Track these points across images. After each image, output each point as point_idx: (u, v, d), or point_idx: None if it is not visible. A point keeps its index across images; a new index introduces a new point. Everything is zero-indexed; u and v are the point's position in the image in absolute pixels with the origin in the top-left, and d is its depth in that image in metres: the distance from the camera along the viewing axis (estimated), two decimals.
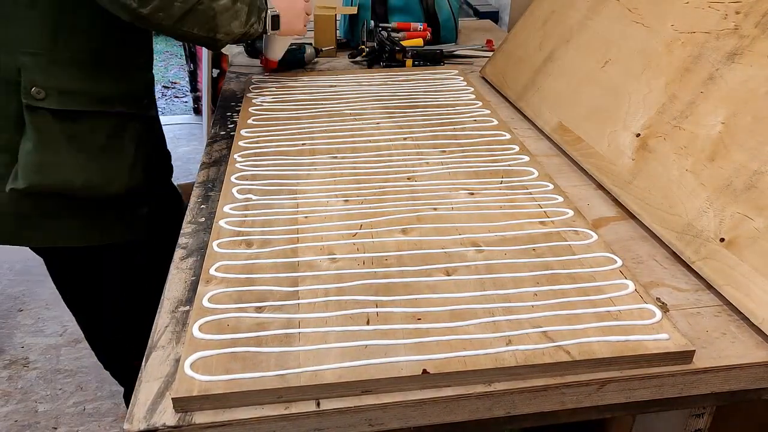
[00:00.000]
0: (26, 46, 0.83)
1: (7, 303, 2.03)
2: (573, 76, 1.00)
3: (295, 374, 0.52)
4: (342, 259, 0.68)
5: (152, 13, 0.83)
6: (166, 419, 0.51)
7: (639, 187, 0.78)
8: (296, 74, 1.29)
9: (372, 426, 0.53)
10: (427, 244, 0.70)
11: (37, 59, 0.83)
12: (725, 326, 0.60)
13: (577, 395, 0.55)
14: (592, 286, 0.63)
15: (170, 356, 0.57)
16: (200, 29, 0.90)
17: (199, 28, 0.90)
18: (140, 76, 0.96)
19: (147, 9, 0.82)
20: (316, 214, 0.76)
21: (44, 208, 0.89)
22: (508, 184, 0.83)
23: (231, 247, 0.70)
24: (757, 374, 0.57)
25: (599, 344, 0.55)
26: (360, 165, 0.88)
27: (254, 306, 0.60)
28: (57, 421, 1.60)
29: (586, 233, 0.72)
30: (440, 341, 0.56)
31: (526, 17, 1.22)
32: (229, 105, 1.18)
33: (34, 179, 0.85)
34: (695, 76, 0.78)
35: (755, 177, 0.65)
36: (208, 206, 0.82)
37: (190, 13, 0.87)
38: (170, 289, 0.67)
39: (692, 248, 0.68)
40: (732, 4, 0.78)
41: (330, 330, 0.57)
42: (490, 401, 0.54)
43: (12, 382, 1.72)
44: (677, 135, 0.76)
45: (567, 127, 0.95)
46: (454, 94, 1.16)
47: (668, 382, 0.55)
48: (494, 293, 0.62)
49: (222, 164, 0.93)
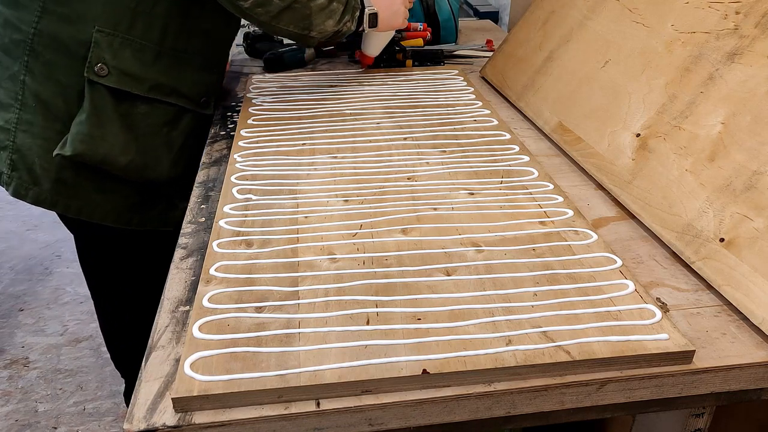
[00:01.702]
0: (104, 25, 0.87)
1: (7, 303, 2.03)
2: (573, 76, 1.00)
3: (295, 374, 0.52)
4: (342, 259, 0.68)
5: (252, 8, 0.88)
6: (166, 419, 0.51)
7: (639, 187, 0.78)
8: (296, 74, 1.29)
9: (372, 426, 0.53)
10: (427, 244, 0.70)
11: (110, 39, 0.87)
12: (725, 326, 0.60)
13: (577, 395, 0.55)
14: (592, 286, 0.63)
15: (170, 356, 0.57)
16: (295, 26, 0.93)
17: (294, 26, 0.93)
18: (205, 76, 0.99)
19: (247, 3, 0.87)
20: (316, 214, 0.76)
21: (85, 180, 0.92)
22: (508, 184, 0.83)
23: (231, 247, 0.70)
24: (757, 374, 0.57)
25: (599, 344, 0.55)
26: (360, 165, 0.88)
27: (254, 306, 0.60)
28: (57, 421, 1.60)
29: (586, 233, 0.72)
30: (440, 341, 0.56)
31: (526, 17, 1.22)
32: (229, 105, 1.18)
33: (80, 148, 0.88)
34: (695, 76, 0.78)
35: (755, 177, 0.65)
36: (208, 206, 0.83)
37: (287, 10, 0.90)
38: (170, 289, 0.67)
39: (692, 248, 0.68)
40: (732, 4, 0.78)
41: (330, 330, 0.57)
42: (490, 401, 0.54)
43: (12, 382, 1.72)
44: (677, 135, 0.77)
45: (567, 127, 0.95)
46: (454, 94, 1.16)
47: (668, 382, 0.55)
48: (494, 293, 0.62)
49: (222, 164, 0.94)
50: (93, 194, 0.94)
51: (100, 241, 1.02)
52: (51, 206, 0.94)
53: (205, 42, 0.96)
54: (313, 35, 0.96)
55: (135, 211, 0.98)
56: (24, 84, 0.89)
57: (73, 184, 0.93)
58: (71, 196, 0.94)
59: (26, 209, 2.55)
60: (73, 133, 0.88)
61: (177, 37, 0.92)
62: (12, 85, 0.91)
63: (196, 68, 0.96)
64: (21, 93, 0.90)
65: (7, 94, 0.91)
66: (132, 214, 0.98)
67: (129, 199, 0.97)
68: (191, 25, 0.92)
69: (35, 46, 0.88)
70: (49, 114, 0.90)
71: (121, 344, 1.19)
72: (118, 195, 0.96)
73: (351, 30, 1.03)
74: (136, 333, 1.10)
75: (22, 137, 0.91)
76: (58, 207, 0.95)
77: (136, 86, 0.90)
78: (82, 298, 2.03)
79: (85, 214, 0.95)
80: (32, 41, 0.87)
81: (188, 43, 0.93)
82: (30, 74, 0.89)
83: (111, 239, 1.00)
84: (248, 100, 1.12)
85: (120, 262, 1.05)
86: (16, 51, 0.89)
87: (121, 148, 0.91)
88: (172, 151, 0.96)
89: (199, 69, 0.97)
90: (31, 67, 0.89)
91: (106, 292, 1.10)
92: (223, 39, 1.01)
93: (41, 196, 0.93)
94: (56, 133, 0.90)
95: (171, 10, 0.89)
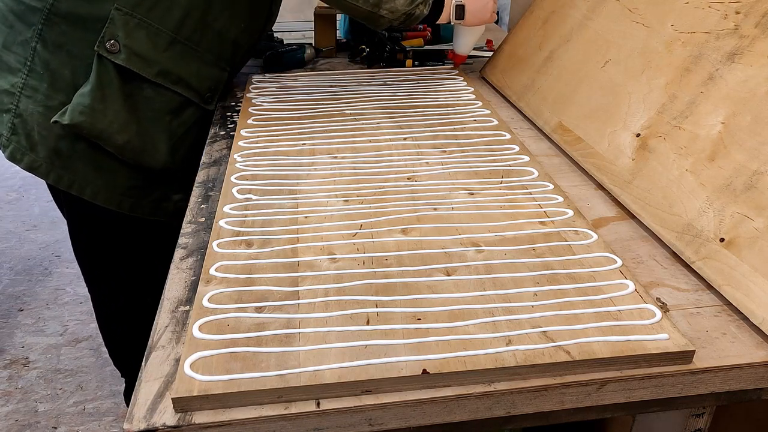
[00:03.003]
0: (123, 4, 0.87)
1: (7, 303, 2.03)
2: (573, 76, 1.00)
3: (295, 374, 0.52)
4: (342, 259, 0.68)
5: None
6: (166, 419, 0.51)
7: (639, 187, 0.78)
8: (296, 74, 1.29)
9: (372, 426, 0.53)
10: (427, 244, 0.70)
11: (126, 19, 0.88)
12: (725, 326, 0.60)
13: (577, 395, 0.55)
14: (592, 286, 0.63)
15: (170, 356, 0.57)
16: (365, 2, 0.91)
17: (364, 1, 0.91)
18: (215, 72, 0.99)
19: None
20: (316, 214, 0.76)
21: (82, 154, 0.93)
22: (508, 184, 0.83)
23: (231, 247, 0.70)
24: (757, 374, 0.57)
25: (599, 344, 0.55)
26: (360, 165, 0.88)
27: (254, 306, 0.60)
28: (57, 421, 1.60)
29: (586, 233, 0.72)
30: (440, 341, 0.56)
31: (526, 17, 1.22)
32: (229, 105, 1.18)
33: (79, 119, 0.88)
34: (695, 76, 0.78)
35: (755, 177, 0.65)
36: (208, 206, 0.82)
37: None
38: (170, 289, 0.67)
39: (692, 248, 0.68)
40: (732, 4, 0.78)
41: (330, 330, 0.57)
42: (490, 401, 0.54)
43: (12, 382, 1.72)
44: (677, 135, 0.77)
45: (567, 127, 0.95)
46: (454, 94, 1.16)
47: (668, 382, 0.55)
48: (494, 293, 0.62)
49: (222, 164, 0.94)
50: (87, 169, 0.94)
51: (92, 222, 1.01)
52: (44, 175, 0.94)
53: (220, 41, 0.96)
54: (383, 14, 0.94)
55: (127, 195, 0.97)
56: (35, 51, 0.90)
57: (68, 155, 0.93)
58: (65, 167, 0.94)
59: (26, 209, 2.55)
60: (74, 104, 0.89)
61: (194, 29, 0.92)
62: (22, 50, 0.91)
63: (207, 63, 0.96)
64: (30, 59, 0.90)
65: (16, 58, 0.92)
66: (124, 197, 0.97)
67: (123, 182, 0.96)
68: (210, 20, 0.92)
69: (52, 15, 0.88)
70: (55, 83, 0.91)
71: (117, 335, 1.18)
72: (113, 175, 0.95)
73: (423, 14, 0.99)
74: (130, 320, 1.10)
75: (25, 102, 0.91)
76: (51, 177, 0.94)
77: (144, 68, 0.90)
78: (81, 299, 2.03)
79: (76, 189, 0.95)
80: (50, 10, 0.88)
81: (203, 37, 0.93)
82: (42, 42, 0.90)
83: (102, 221, 1.00)
84: (248, 100, 1.12)
85: (111, 245, 1.04)
86: (32, 17, 0.89)
87: (120, 126, 0.91)
88: (172, 140, 0.96)
89: (209, 64, 0.97)
90: (44, 36, 0.89)
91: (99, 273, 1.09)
92: (241, 43, 1.01)
93: (35, 163, 0.93)
94: (59, 102, 0.90)
95: (193, 1, 0.90)
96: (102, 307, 1.15)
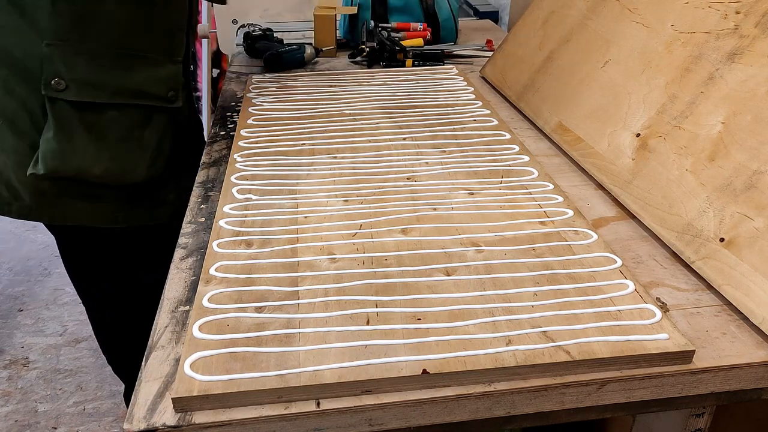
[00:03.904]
0: (50, 37, 0.83)
1: (7, 303, 2.03)
2: (573, 76, 1.00)
3: (295, 374, 0.52)
4: (342, 259, 0.68)
5: None
6: (166, 419, 0.51)
7: (639, 187, 0.78)
8: (296, 74, 1.29)
9: (372, 426, 0.53)
10: (426, 244, 0.70)
11: (63, 51, 0.83)
12: (725, 326, 0.60)
13: (577, 395, 0.55)
14: (592, 286, 0.63)
15: (170, 356, 0.57)
16: None
17: None
18: (169, 69, 0.94)
19: None
20: (315, 214, 0.76)
21: (65, 189, 0.91)
22: (507, 184, 0.83)
23: (231, 247, 0.70)
24: (757, 374, 0.57)
25: (599, 344, 0.55)
26: (360, 165, 0.88)
27: (254, 306, 0.60)
28: (57, 421, 1.60)
29: (586, 233, 0.72)
30: (440, 341, 0.56)
31: (525, 17, 1.22)
32: (229, 105, 1.18)
33: (53, 165, 0.86)
34: (695, 76, 0.78)
35: (755, 177, 0.65)
36: (208, 206, 0.82)
37: None
38: (170, 289, 0.67)
39: (692, 248, 0.68)
40: (732, 4, 0.78)
41: (330, 330, 0.57)
42: (490, 401, 0.54)
43: (12, 382, 1.72)
44: (677, 135, 0.76)
45: (567, 127, 0.95)
46: (454, 94, 1.16)
47: (668, 382, 0.55)
48: (494, 293, 0.62)
49: (222, 164, 0.94)
50: (75, 201, 0.92)
51: (82, 239, 1.00)
52: (38, 218, 0.92)
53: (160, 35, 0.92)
54: None
55: (121, 210, 0.95)
56: None
57: (53, 193, 0.90)
58: (53, 205, 0.91)
59: None
60: (42, 151, 0.86)
61: (130, 35, 0.87)
62: None
63: (157, 64, 0.92)
64: None
65: None
66: (118, 213, 0.95)
67: (114, 201, 0.94)
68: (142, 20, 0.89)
69: None
70: (17, 130, 0.87)
71: (110, 343, 1.18)
72: (102, 198, 0.93)
73: None
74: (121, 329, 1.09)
75: None
76: (45, 218, 0.92)
77: (98, 94, 0.86)
78: None
79: (71, 220, 0.93)
80: None
81: (143, 39, 0.89)
82: None
83: (93, 237, 0.98)
84: (248, 100, 1.12)
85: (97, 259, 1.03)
86: None
87: (93, 159, 0.88)
88: (148, 152, 0.93)
89: (160, 64, 0.92)
90: None
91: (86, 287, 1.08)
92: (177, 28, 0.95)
93: (24, 210, 0.91)
94: (28, 147, 0.87)
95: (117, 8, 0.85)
96: (93, 317, 1.15)
